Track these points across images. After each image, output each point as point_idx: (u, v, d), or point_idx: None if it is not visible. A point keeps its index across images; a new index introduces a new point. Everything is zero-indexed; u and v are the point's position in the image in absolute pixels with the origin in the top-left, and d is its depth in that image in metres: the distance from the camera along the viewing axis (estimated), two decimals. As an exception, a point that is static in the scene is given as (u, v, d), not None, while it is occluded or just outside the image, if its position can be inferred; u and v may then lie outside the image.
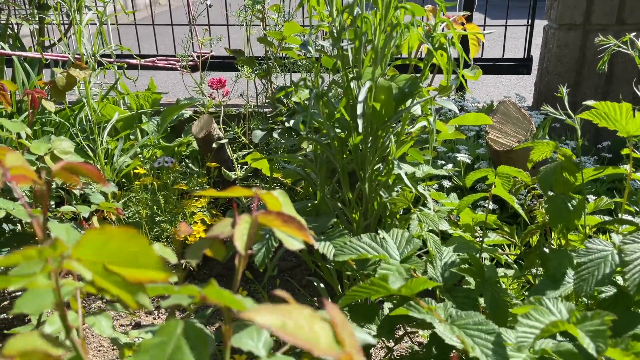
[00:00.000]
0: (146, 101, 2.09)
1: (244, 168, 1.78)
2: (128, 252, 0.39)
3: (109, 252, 0.40)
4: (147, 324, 1.48)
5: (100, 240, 0.40)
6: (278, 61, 1.83)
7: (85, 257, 0.42)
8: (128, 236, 0.39)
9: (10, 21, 2.12)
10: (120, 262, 0.41)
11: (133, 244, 0.39)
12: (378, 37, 0.91)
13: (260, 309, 0.37)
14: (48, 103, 1.37)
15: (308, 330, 0.40)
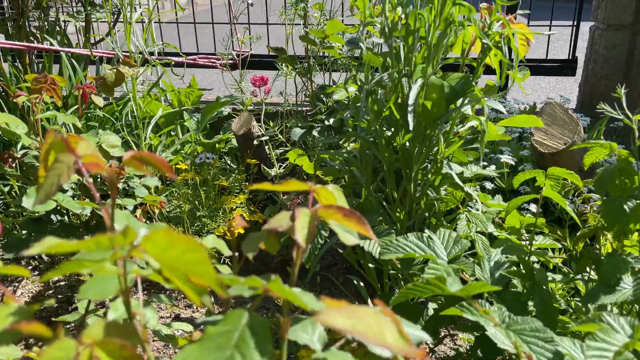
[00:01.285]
0: (187, 98, 2.12)
1: (283, 165, 1.79)
2: (187, 260, 0.40)
3: (171, 254, 0.41)
4: (186, 316, 1.51)
5: (164, 241, 0.40)
6: (319, 60, 1.83)
7: (151, 251, 0.42)
8: (188, 246, 0.39)
9: (58, 18, 2.18)
10: (180, 267, 0.41)
11: (192, 253, 0.39)
12: (432, 34, 0.90)
13: (331, 312, 0.37)
14: (97, 98, 1.41)
15: (376, 329, 0.39)
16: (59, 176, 0.51)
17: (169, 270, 0.42)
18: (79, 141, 0.55)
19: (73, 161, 0.52)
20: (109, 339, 0.36)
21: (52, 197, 0.51)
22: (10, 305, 0.43)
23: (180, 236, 0.39)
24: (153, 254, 0.42)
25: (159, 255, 0.41)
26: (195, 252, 0.39)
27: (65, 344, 0.36)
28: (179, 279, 0.42)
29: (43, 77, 1.39)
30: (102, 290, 0.55)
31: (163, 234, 0.40)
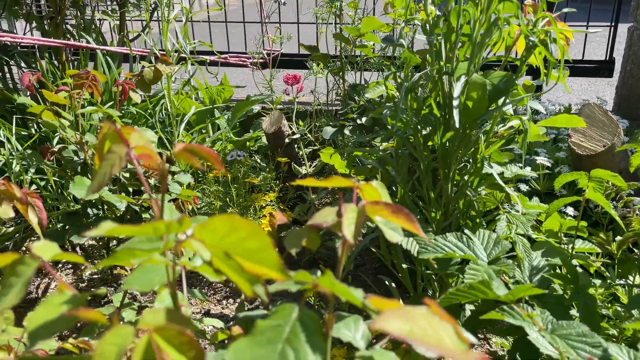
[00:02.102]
0: (219, 96, 2.13)
1: (313, 164, 1.78)
2: (249, 246, 0.40)
3: (230, 241, 0.41)
4: (216, 313, 1.51)
5: (225, 227, 0.40)
6: (351, 59, 1.82)
7: (207, 240, 0.42)
8: (252, 231, 0.39)
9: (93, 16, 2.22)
10: (239, 253, 0.41)
11: (256, 239, 0.39)
12: (477, 31, 0.88)
13: (387, 316, 0.36)
14: (135, 94, 1.43)
15: (433, 333, 0.38)
16: (112, 166, 0.51)
17: (223, 259, 0.42)
18: (132, 132, 0.55)
19: (125, 152, 0.52)
20: (166, 325, 0.36)
21: (104, 187, 0.51)
22: (64, 293, 0.43)
23: (244, 220, 0.39)
24: (210, 242, 0.42)
25: (218, 243, 0.41)
26: (258, 237, 0.39)
27: (122, 330, 0.36)
28: (232, 268, 0.42)
29: (85, 73, 1.42)
30: (148, 281, 0.55)
31: (226, 218, 0.40)
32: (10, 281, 0.44)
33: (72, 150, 1.45)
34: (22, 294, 0.41)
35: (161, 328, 0.36)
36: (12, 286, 0.43)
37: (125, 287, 0.57)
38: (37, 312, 0.41)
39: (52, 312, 0.41)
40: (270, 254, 0.39)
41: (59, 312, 0.41)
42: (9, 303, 0.41)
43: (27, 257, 0.44)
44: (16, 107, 1.99)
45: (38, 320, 0.41)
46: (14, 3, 2.23)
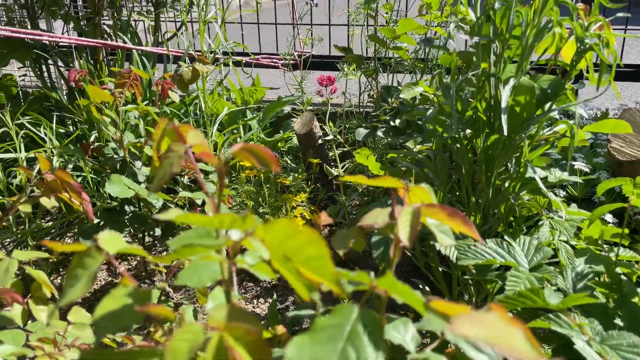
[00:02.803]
0: (251, 97, 2.15)
1: (345, 166, 1.79)
2: (308, 254, 0.40)
3: (290, 246, 0.41)
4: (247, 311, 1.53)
5: (286, 231, 0.40)
6: (385, 60, 1.82)
7: (267, 241, 0.43)
8: (312, 239, 0.39)
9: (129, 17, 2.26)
10: (298, 258, 0.41)
11: (314, 247, 0.39)
12: (529, 33, 0.87)
13: (461, 320, 0.36)
14: (173, 94, 1.45)
15: (508, 338, 0.38)
16: (171, 165, 0.52)
17: (282, 262, 0.43)
18: (189, 130, 0.56)
19: (184, 150, 0.53)
20: (236, 324, 0.37)
21: (165, 183, 0.52)
22: (128, 287, 0.44)
23: (304, 228, 0.39)
24: (270, 243, 0.42)
25: (278, 245, 0.41)
26: (316, 246, 0.39)
27: (193, 327, 0.37)
28: (291, 272, 0.43)
29: (127, 72, 1.45)
30: (200, 278, 0.56)
31: (286, 223, 0.40)
32: (76, 273, 0.45)
33: (112, 147, 1.48)
34: (90, 286, 0.42)
35: (231, 326, 0.37)
36: (78, 278, 0.44)
37: (179, 283, 0.57)
38: (103, 306, 0.42)
39: (117, 305, 0.42)
40: (326, 265, 0.39)
41: (122, 305, 0.42)
42: (77, 295, 0.43)
43: (93, 250, 0.46)
44: (54, 105, 2.03)
45: (102, 312, 0.42)
46: (53, 3, 2.29)
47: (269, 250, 0.45)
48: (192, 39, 2.05)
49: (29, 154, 1.58)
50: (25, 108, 1.93)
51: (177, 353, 0.34)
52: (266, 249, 0.47)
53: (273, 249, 0.43)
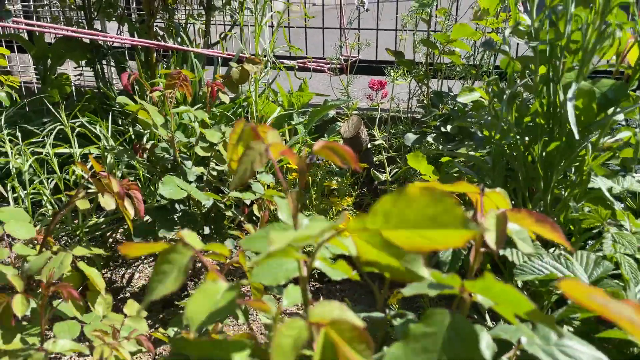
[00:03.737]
0: (298, 100, 2.16)
1: (393, 172, 1.77)
2: (428, 214, 0.38)
3: (404, 217, 0.39)
4: (291, 312, 1.53)
5: (402, 203, 0.38)
6: (437, 65, 1.80)
7: (369, 225, 0.41)
8: (433, 198, 0.37)
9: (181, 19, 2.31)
10: (415, 224, 0.39)
11: (437, 205, 0.37)
12: (589, 37, 0.84)
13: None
14: (224, 95, 1.47)
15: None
16: (252, 163, 0.52)
17: (377, 250, 0.42)
18: (267, 131, 0.56)
19: (264, 149, 0.53)
20: (340, 320, 0.36)
21: (246, 181, 0.52)
22: (217, 283, 0.44)
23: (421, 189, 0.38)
24: (372, 226, 0.41)
25: (385, 222, 0.40)
26: (442, 201, 0.38)
27: (297, 323, 0.36)
28: (386, 259, 0.41)
29: (177, 73, 1.47)
30: (275, 276, 0.56)
31: (394, 196, 0.39)
32: (164, 269, 0.45)
33: (163, 147, 1.50)
34: (181, 281, 0.43)
35: (335, 322, 0.36)
36: (167, 274, 0.44)
37: (252, 280, 0.57)
38: (195, 300, 0.42)
39: (209, 300, 0.42)
40: (454, 213, 0.37)
41: (215, 300, 0.42)
42: (167, 290, 0.43)
43: (180, 246, 0.46)
44: (110, 103, 2.09)
45: (196, 307, 0.42)
46: (108, 5, 2.36)
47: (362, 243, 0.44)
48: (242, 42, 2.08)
49: (84, 151, 1.63)
50: (81, 106, 1.99)
51: (283, 349, 0.34)
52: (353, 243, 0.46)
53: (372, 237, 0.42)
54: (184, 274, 0.43)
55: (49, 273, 0.95)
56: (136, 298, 1.55)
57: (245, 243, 0.66)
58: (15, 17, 2.35)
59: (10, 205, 1.57)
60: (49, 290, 0.93)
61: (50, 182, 1.63)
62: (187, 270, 0.43)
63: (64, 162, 1.72)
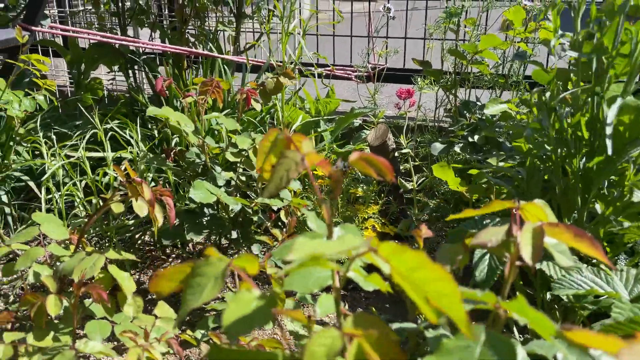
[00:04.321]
0: (324, 107, 2.17)
1: (420, 181, 1.76)
2: (437, 289, 0.38)
3: (418, 277, 0.39)
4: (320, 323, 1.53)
5: (414, 262, 0.39)
6: (465, 75, 1.79)
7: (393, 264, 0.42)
8: (442, 276, 0.38)
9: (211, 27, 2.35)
10: (425, 290, 0.39)
11: (445, 285, 0.38)
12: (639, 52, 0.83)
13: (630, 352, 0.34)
14: (256, 103, 1.48)
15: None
16: (288, 170, 0.53)
17: (407, 281, 0.42)
18: (302, 140, 0.57)
19: (300, 157, 0.54)
20: (373, 331, 0.36)
21: (281, 189, 0.53)
22: (251, 291, 0.45)
23: (435, 265, 0.38)
24: (396, 267, 0.41)
25: (404, 272, 0.40)
26: (445, 283, 0.38)
27: (330, 332, 0.37)
28: (418, 295, 0.41)
29: (210, 80, 1.50)
30: (307, 284, 0.56)
31: (413, 255, 0.39)
32: (197, 281, 0.46)
33: (194, 152, 1.53)
34: (217, 290, 0.43)
35: (369, 334, 0.36)
36: (200, 285, 0.45)
37: (286, 288, 0.58)
38: (230, 309, 0.43)
39: (244, 308, 0.43)
40: (456, 303, 0.38)
41: (250, 308, 0.43)
42: (204, 299, 0.44)
43: (213, 258, 0.47)
44: (140, 108, 2.13)
45: (232, 316, 0.42)
46: (141, 12, 2.41)
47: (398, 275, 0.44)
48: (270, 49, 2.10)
49: (116, 154, 1.66)
50: (110, 111, 2.04)
51: (316, 356, 0.34)
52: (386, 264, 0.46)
53: (397, 271, 0.42)
54: (221, 283, 0.44)
55: (81, 274, 0.97)
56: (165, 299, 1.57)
57: (278, 253, 0.67)
58: (51, 22, 2.42)
59: (43, 206, 1.61)
60: (81, 291, 0.95)
61: (81, 183, 1.67)
62: (223, 280, 0.44)
63: (94, 164, 1.76)
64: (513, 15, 1.66)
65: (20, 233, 1.19)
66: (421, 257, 0.38)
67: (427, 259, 0.38)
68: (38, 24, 1.51)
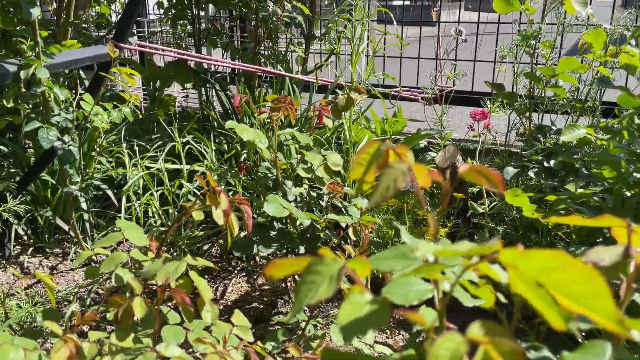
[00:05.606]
0: (390, 128, 2.18)
1: (491, 205, 1.72)
2: (580, 290, 0.37)
3: (555, 278, 0.38)
4: (380, 340, 1.51)
5: (551, 263, 0.38)
6: (541, 99, 1.75)
7: (521, 267, 0.41)
8: (588, 275, 0.37)
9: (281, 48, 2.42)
10: (563, 292, 0.38)
11: (591, 285, 0.37)
12: None
13: None
14: (328, 120, 1.51)
15: None
16: (394, 180, 0.53)
17: (533, 288, 0.41)
18: (406, 152, 0.58)
19: (407, 168, 0.54)
20: (500, 340, 0.36)
21: (387, 199, 0.53)
22: (364, 295, 0.45)
23: (578, 264, 0.37)
24: (525, 269, 0.40)
25: (536, 274, 0.39)
26: (595, 283, 0.37)
27: (454, 337, 0.37)
28: (544, 300, 0.40)
29: (283, 97, 1.54)
30: (407, 295, 0.56)
31: (556, 254, 0.38)
32: (312, 278, 0.47)
33: (265, 167, 1.56)
34: (333, 288, 0.44)
35: (495, 342, 0.36)
36: (315, 283, 0.46)
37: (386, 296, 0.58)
38: (345, 311, 0.43)
39: (358, 310, 0.43)
40: (608, 304, 0.36)
41: (364, 310, 0.43)
42: (320, 296, 0.44)
43: (328, 258, 0.47)
44: (211, 124, 2.21)
45: (347, 316, 0.43)
46: (215, 33, 2.52)
47: (514, 275, 0.43)
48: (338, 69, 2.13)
49: (191, 167, 1.72)
50: (186, 126, 2.12)
51: (439, 359, 0.34)
52: (504, 272, 0.46)
53: (525, 275, 0.41)
54: (336, 282, 0.44)
55: (164, 278, 1.01)
56: (230, 310, 1.60)
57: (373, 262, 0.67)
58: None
59: (122, 214, 1.68)
60: (164, 295, 0.99)
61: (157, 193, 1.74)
62: (339, 280, 0.45)
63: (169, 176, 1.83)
64: (593, 38, 1.62)
65: (104, 238, 1.24)
66: (563, 257, 0.37)
67: (570, 258, 0.37)
68: (126, 41, 1.60)
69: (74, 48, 1.42)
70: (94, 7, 2.16)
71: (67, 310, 1.52)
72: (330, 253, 0.49)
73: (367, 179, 0.60)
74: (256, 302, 1.68)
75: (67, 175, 1.58)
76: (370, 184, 0.61)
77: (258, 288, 1.75)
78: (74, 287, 1.71)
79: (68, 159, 1.38)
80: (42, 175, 1.84)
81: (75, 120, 1.42)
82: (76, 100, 1.49)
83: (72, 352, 0.92)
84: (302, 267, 0.51)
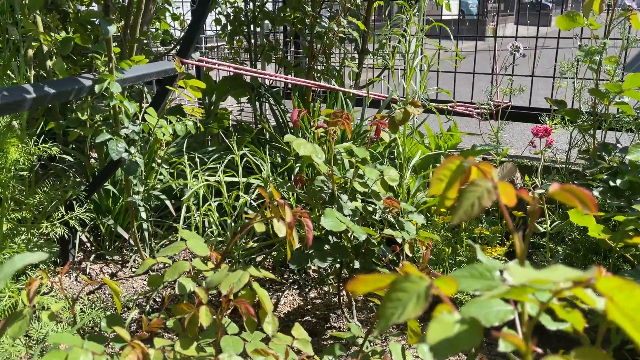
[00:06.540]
0: (445, 142, 2.15)
1: (553, 224, 1.67)
2: None
3: None
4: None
5: None
6: (606, 116, 1.69)
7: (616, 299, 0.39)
8: None
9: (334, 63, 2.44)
10: None
11: None
12: None
13: None
14: (385, 134, 1.51)
15: None
16: (479, 198, 0.53)
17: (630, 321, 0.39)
18: (491, 170, 0.57)
19: (492, 186, 0.53)
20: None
21: (471, 217, 0.53)
22: (453, 314, 0.45)
23: None
24: (621, 303, 0.39)
25: (631, 309, 0.38)
26: None
27: None
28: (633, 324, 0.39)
29: (340, 112, 1.55)
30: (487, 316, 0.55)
31: None
32: (397, 296, 0.47)
33: (321, 180, 1.57)
34: (422, 307, 0.44)
35: None
36: (401, 300, 0.46)
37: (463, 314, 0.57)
38: (433, 329, 0.43)
39: (447, 330, 0.43)
40: None
41: (454, 330, 0.43)
42: (408, 315, 0.44)
43: (414, 276, 0.47)
44: (264, 137, 2.25)
45: (436, 336, 0.42)
46: (271, 49, 2.57)
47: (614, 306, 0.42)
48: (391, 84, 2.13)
49: (248, 179, 1.75)
50: (241, 139, 2.17)
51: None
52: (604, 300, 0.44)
53: (619, 307, 0.40)
54: (425, 301, 0.44)
55: (229, 288, 1.03)
56: (282, 322, 1.61)
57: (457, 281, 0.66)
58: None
59: (180, 224, 1.73)
60: (229, 305, 1.00)
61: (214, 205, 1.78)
62: (427, 299, 0.44)
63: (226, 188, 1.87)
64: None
65: (167, 247, 1.28)
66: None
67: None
68: (190, 57, 1.66)
69: (141, 63, 1.48)
70: (153, 24, 2.26)
71: (127, 317, 1.56)
72: (416, 270, 0.49)
73: (449, 195, 0.60)
74: (309, 316, 1.68)
75: (131, 185, 1.64)
76: (452, 200, 0.60)
77: (310, 301, 1.75)
78: (132, 294, 1.77)
79: (134, 170, 1.43)
80: (105, 184, 1.92)
81: (141, 132, 1.47)
82: (142, 113, 1.55)
83: (140, 357, 0.94)
84: (387, 283, 0.51)
